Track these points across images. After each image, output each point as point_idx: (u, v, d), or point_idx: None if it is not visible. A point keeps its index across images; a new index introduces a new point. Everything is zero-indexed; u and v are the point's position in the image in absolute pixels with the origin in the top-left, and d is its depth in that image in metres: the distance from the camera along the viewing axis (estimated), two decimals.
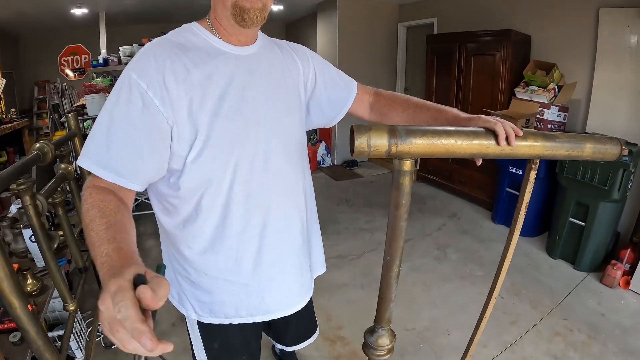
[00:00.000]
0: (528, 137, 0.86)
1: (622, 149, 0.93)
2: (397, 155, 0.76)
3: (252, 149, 0.97)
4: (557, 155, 0.89)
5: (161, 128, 0.85)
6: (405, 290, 2.78)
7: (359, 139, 0.73)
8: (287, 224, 1.09)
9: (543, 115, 3.60)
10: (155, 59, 0.86)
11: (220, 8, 0.93)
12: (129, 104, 0.82)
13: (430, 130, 0.78)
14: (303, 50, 1.19)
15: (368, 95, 1.25)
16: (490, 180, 4.15)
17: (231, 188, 0.96)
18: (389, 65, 6.25)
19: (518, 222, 0.99)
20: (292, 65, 1.12)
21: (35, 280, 1.57)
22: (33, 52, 7.24)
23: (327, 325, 2.45)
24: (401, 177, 0.79)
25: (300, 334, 1.53)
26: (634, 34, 3.16)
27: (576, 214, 3.07)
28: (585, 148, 0.90)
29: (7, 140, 4.23)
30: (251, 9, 0.90)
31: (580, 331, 2.37)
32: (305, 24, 7.47)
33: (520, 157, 0.88)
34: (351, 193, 4.90)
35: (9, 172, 1.23)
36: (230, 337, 1.18)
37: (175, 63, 0.87)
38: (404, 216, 0.82)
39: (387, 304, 0.94)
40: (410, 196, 0.81)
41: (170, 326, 2.42)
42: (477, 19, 4.55)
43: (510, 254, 1.03)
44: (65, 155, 2.00)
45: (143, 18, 6.49)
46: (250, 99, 0.96)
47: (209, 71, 0.91)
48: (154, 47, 0.90)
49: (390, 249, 0.86)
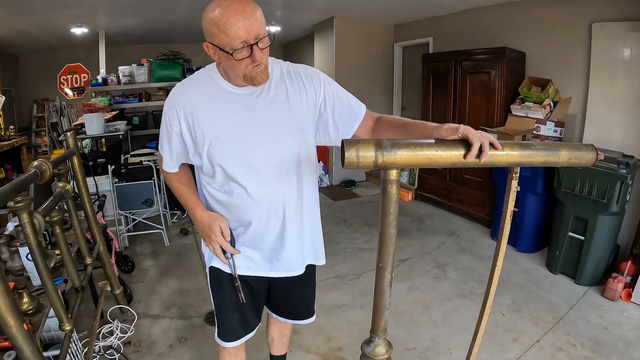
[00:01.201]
0: (505, 146, 0.92)
1: (598, 154, 0.97)
2: (384, 166, 0.84)
3: (242, 167, 1.26)
4: (534, 162, 0.94)
5: (184, 142, 1.31)
6: (405, 309, 2.76)
7: (349, 151, 0.82)
8: (270, 218, 1.35)
9: (539, 131, 3.63)
10: (177, 101, 1.26)
11: (232, 75, 1.19)
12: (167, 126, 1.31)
13: (413, 143, 0.88)
14: (318, 77, 1.33)
15: (371, 121, 1.35)
16: (488, 198, 4.15)
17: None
18: (386, 85, 6.32)
19: (505, 231, 1.04)
20: (300, 92, 1.29)
21: (31, 299, 1.55)
22: (33, 70, 7.30)
23: (326, 347, 2.41)
24: (388, 185, 0.86)
25: (295, 312, 1.67)
26: (627, 47, 3.22)
27: (575, 229, 3.07)
28: (561, 155, 0.95)
29: (5, 157, 4.21)
30: (259, 73, 1.14)
31: (583, 346, 2.34)
32: (302, 45, 7.55)
33: (498, 165, 0.94)
34: (349, 213, 4.89)
35: (6, 189, 1.22)
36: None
37: (187, 107, 1.25)
38: (393, 223, 0.89)
39: (382, 311, 0.98)
40: (398, 204, 0.89)
41: (167, 347, 2.38)
42: (472, 38, 4.63)
43: (500, 262, 1.07)
44: (63, 173, 2.00)
45: (142, 38, 6.57)
46: (246, 128, 1.24)
47: (215, 109, 1.24)
48: (176, 95, 1.28)
49: (382, 256, 0.92)
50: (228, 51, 1.07)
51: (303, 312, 1.68)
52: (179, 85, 1.29)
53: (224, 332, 1.50)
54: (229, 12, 1.02)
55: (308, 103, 1.30)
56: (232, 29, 1.03)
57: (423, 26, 5.55)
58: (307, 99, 1.29)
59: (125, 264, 3.29)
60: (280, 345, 1.89)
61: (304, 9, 5.23)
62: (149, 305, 2.83)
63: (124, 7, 4.63)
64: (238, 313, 1.48)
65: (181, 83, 1.30)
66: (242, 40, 1.05)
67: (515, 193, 1.02)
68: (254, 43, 1.06)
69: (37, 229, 1.39)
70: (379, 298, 0.96)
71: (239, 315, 1.48)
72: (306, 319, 1.68)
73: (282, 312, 1.68)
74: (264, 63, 1.14)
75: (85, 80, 6.03)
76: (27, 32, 5.47)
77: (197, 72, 1.34)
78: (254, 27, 1.05)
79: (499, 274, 1.08)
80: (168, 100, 1.27)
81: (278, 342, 1.88)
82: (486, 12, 4.49)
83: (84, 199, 2.30)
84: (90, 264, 2.19)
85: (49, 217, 1.71)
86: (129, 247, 3.87)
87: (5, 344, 1.46)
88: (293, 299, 1.62)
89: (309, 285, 1.64)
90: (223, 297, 1.47)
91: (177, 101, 1.25)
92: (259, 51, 1.08)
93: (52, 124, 7.31)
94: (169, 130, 1.28)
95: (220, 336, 1.51)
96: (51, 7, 4.34)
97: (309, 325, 2.45)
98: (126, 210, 3.75)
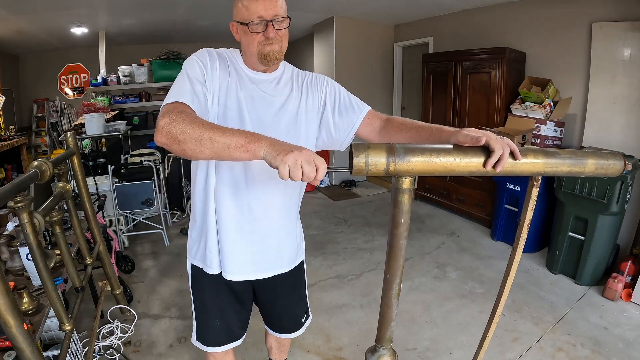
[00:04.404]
0: (528, 154, 0.84)
1: (626, 164, 0.90)
2: (396, 174, 0.77)
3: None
4: (558, 172, 0.87)
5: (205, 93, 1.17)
6: (405, 309, 2.75)
7: (358, 157, 0.74)
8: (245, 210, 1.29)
9: (539, 131, 3.63)
10: (220, 53, 1.25)
11: (249, 53, 1.21)
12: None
13: (429, 149, 0.79)
14: (322, 81, 1.36)
15: (379, 121, 1.30)
16: (489, 198, 4.15)
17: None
18: (386, 85, 6.32)
19: (521, 240, 0.97)
20: (301, 94, 1.31)
21: (31, 299, 1.55)
22: (33, 70, 7.31)
23: (327, 347, 2.41)
24: (400, 195, 0.79)
25: (282, 324, 1.63)
26: (627, 47, 3.22)
27: (575, 229, 3.07)
28: (587, 164, 0.88)
29: (5, 157, 4.22)
30: (271, 51, 1.18)
31: (583, 346, 2.34)
32: (302, 45, 7.58)
33: (521, 175, 0.87)
34: (349, 213, 4.89)
35: (6, 189, 1.22)
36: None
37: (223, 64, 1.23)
38: (403, 234, 0.82)
39: (388, 322, 0.93)
40: (410, 214, 0.81)
41: (167, 348, 2.38)
42: (472, 38, 4.63)
43: (514, 272, 1.01)
44: (63, 173, 2.00)
45: (142, 38, 6.57)
46: (248, 118, 1.21)
47: (228, 83, 1.21)
48: (217, 50, 1.26)
49: (390, 268, 0.86)
50: (246, 22, 1.14)
51: (291, 324, 1.62)
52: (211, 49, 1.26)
53: (204, 335, 1.46)
54: None
55: (308, 107, 1.31)
56: (253, 4, 1.12)
57: (423, 26, 5.55)
58: (312, 102, 1.32)
59: (125, 264, 3.29)
60: (279, 352, 1.86)
61: (304, 9, 5.23)
62: (149, 305, 2.83)
63: (124, 7, 4.63)
64: (220, 320, 1.44)
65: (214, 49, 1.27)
66: (260, 15, 1.12)
67: (535, 201, 0.94)
68: (269, 20, 1.13)
69: (37, 229, 1.39)
70: (386, 309, 0.92)
71: (221, 323, 1.44)
72: (292, 334, 1.63)
73: (270, 323, 1.63)
74: (278, 44, 1.18)
75: (85, 80, 6.02)
76: (27, 32, 5.47)
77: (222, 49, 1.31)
78: (274, 7, 1.13)
79: (511, 283, 1.03)
80: (205, 50, 1.23)
81: (276, 349, 1.84)
82: (486, 12, 4.49)
83: (84, 199, 2.30)
84: (90, 264, 2.19)
85: (49, 217, 1.71)
86: (129, 247, 3.87)
87: (5, 344, 1.46)
88: (277, 307, 1.56)
89: (294, 293, 1.58)
90: (204, 300, 1.43)
91: (220, 53, 1.25)
92: (272, 29, 1.15)
93: (52, 124, 7.31)
94: (192, 72, 1.15)
95: (201, 339, 1.47)
96: (51, 7, 4.34)
97: (309, 325, 2.46)
98: (126, 210, 3.75)
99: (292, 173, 0.81)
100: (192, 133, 0.91)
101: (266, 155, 0.86)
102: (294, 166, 0.81)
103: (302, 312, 1.63)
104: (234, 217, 1.28)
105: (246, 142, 0.89)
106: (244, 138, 0.89)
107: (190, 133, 0.92)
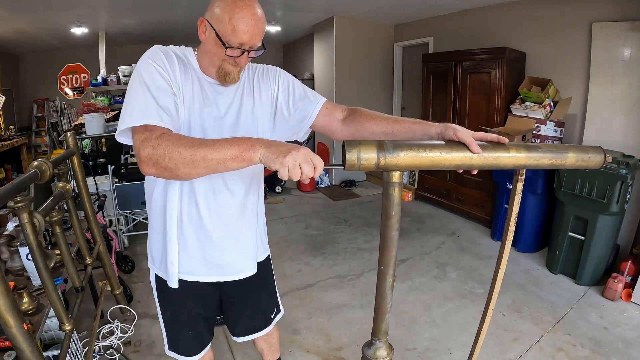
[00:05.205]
0: (511, 148, 0.90)
1: (606, 156, 0.95)
2: (386, 168, 0.83)
3: None
4: (540, 165, 0.92)
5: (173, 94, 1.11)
6: (405, 309, 2.75)
7: (350, 152, 0.79)
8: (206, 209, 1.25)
9: (540, 131, 3.63)
10: (173, 52, 1.16)
11: (208, 62, 1.15)
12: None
13: (416, 144, 0.85)
14: (274, 73, 1.33)
15: (340, 112, 1.30)
16: (489, 198, 4.15)
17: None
18: (386, 85, 6.32)
19: (509, 233, 1.02)
20: (253, 91, 1.27)
21: (31, 299, 1.55)
22: (33, 70, 7.31)
23: (326, 346, 2.41)
24: (390, 188, 0.85)
25: (251, 324, 1.56)
26: (627, 47, 3.22)
27: (575, 229, 3.07)
28: (568, 157, 0.94)
29: (5, 157, 4.23)
30: (232, 72, 1.14)
31: (583, 346, 2.34)
32: (302, 45, 7.56)
33: (504, 168, 0.92)
34: (349, 213, 4.89)
35: (6, 189, 1.23)
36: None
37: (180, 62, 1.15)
38: (395, 226, 0.87)
39: (383, 314, 0.96)
40: (400, 206, 0.86)
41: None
42: (472, 38, 4.63)
43: (504, 265, 1.05)
44: (63, 173, 2.00)
45: (142, 39, 6.56)
46: (199, 116, 1.16)
47: (184, 84, 1.13)
48: (168, 48, 1.17)
49: (383, 259, 0.91)
50: (225, 43, 1.07)
51: (259, 322, 1.57)
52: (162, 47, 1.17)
53: (177, 346, 1.43)
54: (247, 13, 1.04)
55: (263, 101, 1.29)
56: (240, 29, 1.05)
57: (423, 26, 5.55)
58: (265, 95, 1.29)
59: (125, 264, 3.29)
60: (271, 353, 1.81)
61: (304, 9, 5.24)
62: (149, 305, 2.82)
63: (124, 7, 4.64)
64: (192, 330, 1.40)
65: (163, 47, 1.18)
66: (242, 42, 1.07)
67: (521, 195, 1.00)
68: (248, 50, 1.10)
69: (37, 229, 1.39)
70: (380, 301, 0.95)
71: (193, 333, 1.41)
72: (264, 329, 1.58)
73: (239, 327, 1.56)
74: (242, 67, 1.16)
75: (85, 80, 6.02)
76: (27, 32, 5.48)
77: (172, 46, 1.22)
78: (258, 39, 1.09)
79: (502, 276, 1.06)
80: (156, 48, 1.14)
81: (268, 350, 1.80)
82: (486, 12, 4.49)
83: (84, 199, 2.30)
84: (90, 264, 2.19)
85: (49, 217, 1.71)
86: (129, 247, 3.87)
87: (5, 344, 1.46)
88: (247, 309, 1.51)
89: (264, 291, 1.54)
90: (174, 312, 1.39)
91: (173, 51, 1.16)
92: (246, 59, 1.12)
93: (52, 124, 7.31)
94: (152, 81, 1.05)
95: (174, 349, 1.43)
96: (51, 7, 4.35)
97: (309, 325, 2.45)
98: (126, 210, 3.75)
99: (292, 173, 0.84)
100: (181, 158, 0.90)
101: (263, 159, 0.88)
102: (293, 167, 0.83)
103: (272, 308, 1.60)
104: (189, 223, 1.25)
105: (240, 152, 0.88)
106: (236, 148, 0.89)
107: (179, 159, 0.90)
